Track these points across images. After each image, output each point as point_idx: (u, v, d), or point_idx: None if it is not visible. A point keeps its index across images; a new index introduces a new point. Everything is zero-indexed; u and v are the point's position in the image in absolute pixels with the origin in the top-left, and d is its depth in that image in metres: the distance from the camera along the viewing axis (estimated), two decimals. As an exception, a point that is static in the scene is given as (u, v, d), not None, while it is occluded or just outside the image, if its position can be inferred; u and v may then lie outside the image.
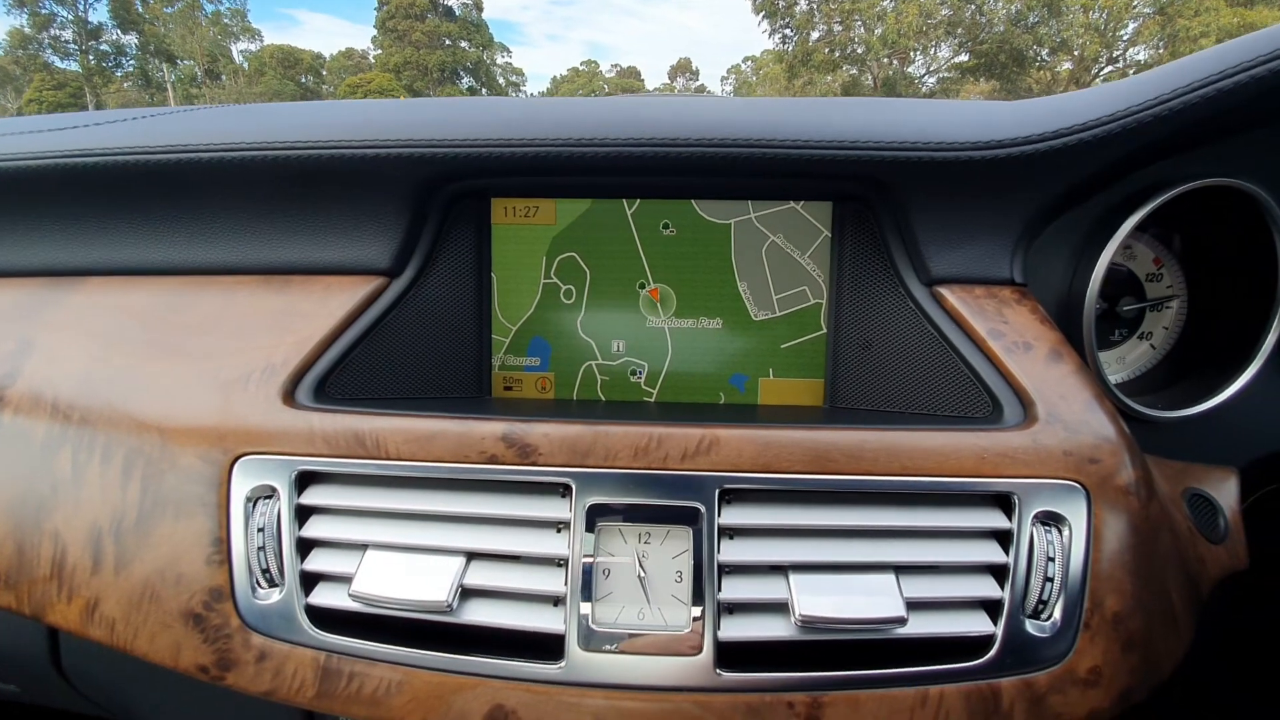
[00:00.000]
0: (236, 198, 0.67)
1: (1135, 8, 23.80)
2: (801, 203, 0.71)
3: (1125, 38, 25.31)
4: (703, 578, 0.53)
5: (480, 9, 53.15)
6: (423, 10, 49.37)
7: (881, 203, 0.66)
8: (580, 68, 78.54)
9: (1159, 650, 0.56)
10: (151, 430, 0.59)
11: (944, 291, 0.64)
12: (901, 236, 0.66)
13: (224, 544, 0.56)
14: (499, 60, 58.27)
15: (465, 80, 53.42)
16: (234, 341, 0.64)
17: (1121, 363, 0.77)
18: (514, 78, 63.42)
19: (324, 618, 0.55)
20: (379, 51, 51.24)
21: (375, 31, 50.71)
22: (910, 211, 0.64)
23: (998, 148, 0.59)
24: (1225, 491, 0.70)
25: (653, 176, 0.68)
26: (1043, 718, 0.53)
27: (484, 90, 54.26)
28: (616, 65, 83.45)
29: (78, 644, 0.68)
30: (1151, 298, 0.75)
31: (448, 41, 51.13)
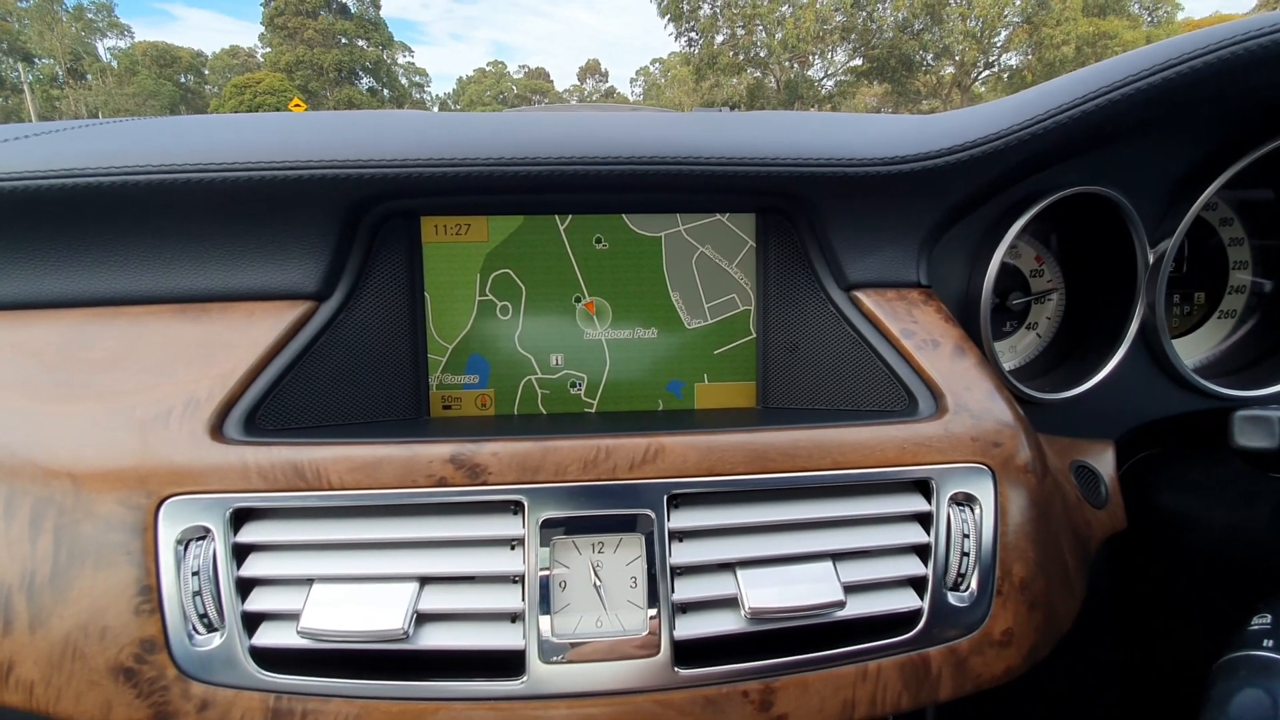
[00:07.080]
0: (146, 222, 0.63)
1: (1006, 17, 25.90)
2: (727, 215, 0.74)
3: (999, 44, 27.50)
4: (656, 581, 0.56)
5: (378, 6, 51.02)
6: (315, 7, 46.85)
7: (800, 214, 0.71)
8: (487, 68, 76.97)
9: (1058, 608, 0.64)
10: (61, 477, 0.55)
11: (860, 295, 0.70)
12: (820, 245, 0.71)
13: (154, 591, 0.53)
14: (400, 60, 56.19)
15: (365, 81, 51.17)
16: (150, 376, 0.60)
17: (1013, 351, 0.85)
18: (417, 78, 61.32)
19: (271, 658, 0.53)
20: (268, 50, 48.21)
21: (262, 29, 47.69)
22: (826, 222, 0.69)
23: (901, 163, 0.64)
24: (1104, 462, 0.79)
25: (584, 194, 0.69)
26: (966, 679, 0.58)
27: (385, 90, 52.16)
28: (525, 66, 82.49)
29: None
30: (1035, 291, 0.84)
31: (344, 40, 48.75)
